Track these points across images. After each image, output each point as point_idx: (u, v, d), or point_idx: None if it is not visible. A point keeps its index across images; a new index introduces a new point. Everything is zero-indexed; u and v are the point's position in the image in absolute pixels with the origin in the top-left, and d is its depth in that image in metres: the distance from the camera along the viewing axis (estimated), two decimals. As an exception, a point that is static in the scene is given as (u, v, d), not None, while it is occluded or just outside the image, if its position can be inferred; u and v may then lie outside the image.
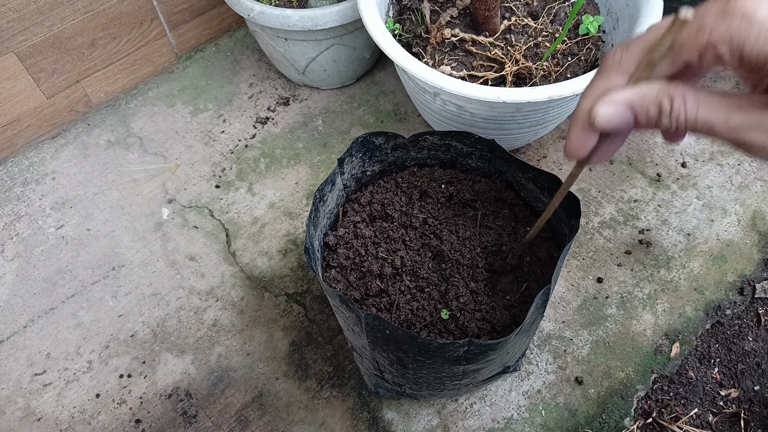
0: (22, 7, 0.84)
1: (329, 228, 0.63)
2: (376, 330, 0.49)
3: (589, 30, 0.82)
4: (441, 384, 0.59)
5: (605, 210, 0.87)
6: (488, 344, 0.47)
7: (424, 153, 0.66)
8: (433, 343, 0.47)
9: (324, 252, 0.62)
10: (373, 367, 0.61)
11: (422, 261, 0.61)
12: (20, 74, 0.90)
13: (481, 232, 0.62)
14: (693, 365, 0.75)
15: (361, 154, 0.62)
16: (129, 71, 1.03)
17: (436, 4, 0.86)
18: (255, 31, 0.95)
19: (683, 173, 0.90)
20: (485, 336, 0.56)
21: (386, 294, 0.58)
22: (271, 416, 0.72)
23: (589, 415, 0.71)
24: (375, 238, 0.62)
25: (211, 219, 0.89)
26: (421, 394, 0.67)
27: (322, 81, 1.01)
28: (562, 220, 0.59)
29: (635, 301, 0.79)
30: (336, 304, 0.53)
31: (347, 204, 0.65)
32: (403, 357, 0.52)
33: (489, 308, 0.58)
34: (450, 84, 0.70)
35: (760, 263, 0.82)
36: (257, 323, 0.79)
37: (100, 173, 0.95)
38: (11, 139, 0.96)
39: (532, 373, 0.74)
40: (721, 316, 0.78)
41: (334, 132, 0.98)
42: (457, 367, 0.53)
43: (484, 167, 0.66)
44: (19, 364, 0.77)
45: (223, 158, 0.96)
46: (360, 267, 0.60)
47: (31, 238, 0.88)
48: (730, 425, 0.71)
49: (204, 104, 1.03)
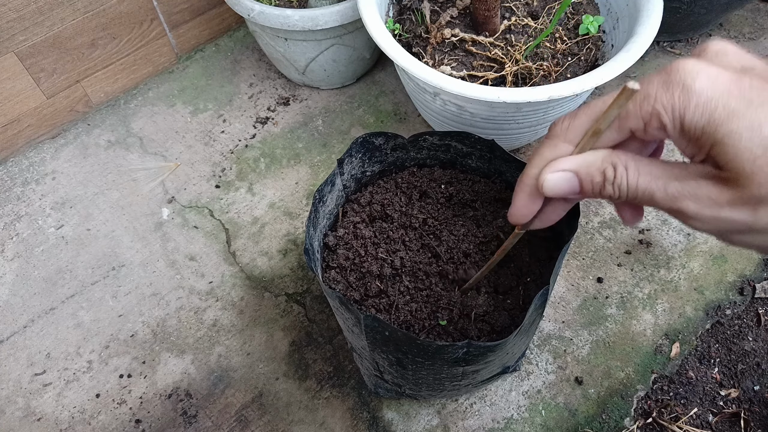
0: (22, 7, 0.84)
1: (329, 228, 0.63)
2: (376, 331, 0.49)
3: (589, 30, 0.82)
4: (440, 385, 0.59)
5: (605, 210, 0.87)
6: (487, 346, 0.47)
7: (423, 153, 0.66)
8: (432, 345, 0.47)
9: (324, 252, 0.62)
10: (372, 367, 0.61)
11: (422, 261, 0.60)
12: (20, 74, 0.90)
13: (480, 233, 0.62)
14: (693, 365, 0.75)
15: (361, 155, 0.62)
16: (129, 71, 1.03)
17: (436, 4, 0.86)
18: (255, 31, 0.95)
19: (683, 173, 0.90)
20: (484, 337, 0.56)
21: (386, 295, 0.58)
22: (271, 416, 0.72)
23: (589, 415, 0.71)
24: (375, 238, 0.62)
25: (211, 219, 0.89)
26: (421, 395, 0.67)
27: (322, 81, 1.01)
28: (561, 220, 0.59)
29: (635, 301, 0.79)
30: (336, 306, 0.53)
31: (347, 204, 0.65)
32: (402, 358, 0.52)
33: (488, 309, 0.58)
34: (450, 84, 0.70)
35: (760, 263, 0.82)
36: (257, 323, 0.79)
37: (100, 173, 0.95)
38: (11, 139, 0.96)
39: (532, 373, 0.74)
40: (721, 316, 0.78)
41: (334, 132, 0.98)
42: (457, 369, 0.53)
43: (484, 167, 0.66)
44: (19, 364, 0.77)
45: (223, 158, 0.96)
46: (359, 268, 0.60)
47: (31, 238, 0.88)
48: (730, 425, 0.71)
49: (204, 104, 1.03)
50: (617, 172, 0.34)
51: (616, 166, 0.34)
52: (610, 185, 0.34)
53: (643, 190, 0.33)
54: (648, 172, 0.33)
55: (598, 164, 0.35)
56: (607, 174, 0.34)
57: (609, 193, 0.35)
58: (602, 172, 0.35)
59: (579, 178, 0.36)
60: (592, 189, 0.36)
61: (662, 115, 0.31)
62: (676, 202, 0.32)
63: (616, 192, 0.34)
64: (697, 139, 0.31)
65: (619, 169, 0.34)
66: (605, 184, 0.35)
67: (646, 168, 0.33)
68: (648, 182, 0.33)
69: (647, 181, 0.33)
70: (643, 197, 0.34)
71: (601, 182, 0.35)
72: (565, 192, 0.37)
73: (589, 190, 0.36)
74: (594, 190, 0.36)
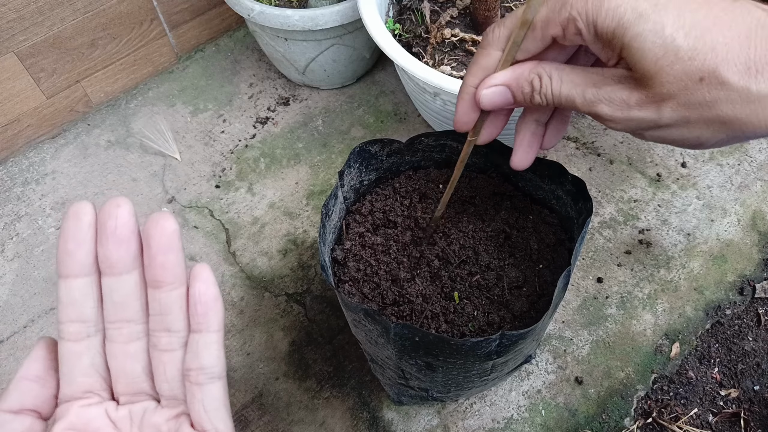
0: (22, 7, 0.84)
1: (335, 243, 0.63)
2: (405, 339, 0.48)
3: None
4: (470, 382, 0.59)
5: (605, 210, 0.87)
6: (520, 334, 0.47)
7: (418, 156, 0.66)
8: (466, 344, 0.47)
9: (334, 267, 0.61)
10: (397, 375, 0.60)
11: (432, 262, 0.60)
12: (20, 74, 0.90)
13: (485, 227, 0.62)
14: (693, 365, 0.75)
15: (358, 164, 0.62)
16: (129, 71, 1.03)
17: (436, 4, 0.86)
18: (255, 31, 0.95)
19: (683, 173, 0.90)
20: (507, 325, 0.56)
21: (404, 301, 0.58)
22: (271, 416, 0.72)
23: (589, 415, 0.71)
24: (382, 246, 0.62)
25: (211, 219, 0.89)
26: (449, 396, 0.66)
27: (322, 81, 1.01)
28: (567, 204, 0.59)
29: (635, 301, 0.79)
30: (358, 319, 0.53)
31: (348, 216, 0.65)
32: (432, 361, 0.52)
33: (506, 299, 0.58)
34: (450, 84, 0.70)
35: (760, 263, 0.82)
36: (257, 323, 0.79)
37: (100, 173, 0.95)
38: (11, 139, 0.96)
39: (532, 373, 0.74)
40: (721, 316, 0.78)
41: (334, 132, 0.98)
42: (487, 363, 0.53)
43: (480, 163, 0.66)
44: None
45: (223, 158, 0.96)
46: (372, 278, 0.59)
47: (31, 238, 0.88)
48: (730, 425, 0.71)
49: (204, 104, 1.03)
50: (542, 81, 0.37)
51: (542, 76, 0.37)
52: (537, 94, 0.38)
53: (566, 97, 0.37)
54: (569, 80, 0.36)
55: (526, 75, 0.38)
56: (534, 84, 0.38)
57: (537, 101, 0.38)
58: (530, 83, 0.38)
59: (511, 90, 0.39)
60: (523, 98, 0.39)
61: (578, 20, 0.34)
62: (593, 106, 0.35)
63: (543, 100, 0.38)
64: (609, 42, 0.33)
65: (544, 78, 0.37)
66: (533, 93, 0.38)
67: (568, 76, 0.36)
68: (569, 90, 0.36)
69: (568, 89, 0.36)
70: (566, 103, 0.37)
71: (530, 92, 0.38)
72: (500, 104, 0.40)
73: (521, 99, 0.39)
74: (525, 99, 0.39)
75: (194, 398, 0.30)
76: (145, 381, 0.31)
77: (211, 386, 0.30)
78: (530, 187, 0.64)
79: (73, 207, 0.29)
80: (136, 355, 0.31)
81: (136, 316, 0.30)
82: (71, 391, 0.31)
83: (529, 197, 0.65)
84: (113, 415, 0.31)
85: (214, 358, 0.30)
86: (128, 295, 0.30)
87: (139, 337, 0.31)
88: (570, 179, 0.56)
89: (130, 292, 0.30)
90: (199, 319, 0.29)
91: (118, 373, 0.31)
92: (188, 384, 0.30)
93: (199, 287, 0.30)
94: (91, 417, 0.30)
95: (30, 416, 0.30)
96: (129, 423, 0.31)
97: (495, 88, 0.39)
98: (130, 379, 0.31)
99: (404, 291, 0.58)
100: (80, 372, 0.30)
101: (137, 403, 0.32)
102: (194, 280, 0.30)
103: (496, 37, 0.39)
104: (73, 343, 0.30)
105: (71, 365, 0.30)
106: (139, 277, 0.30)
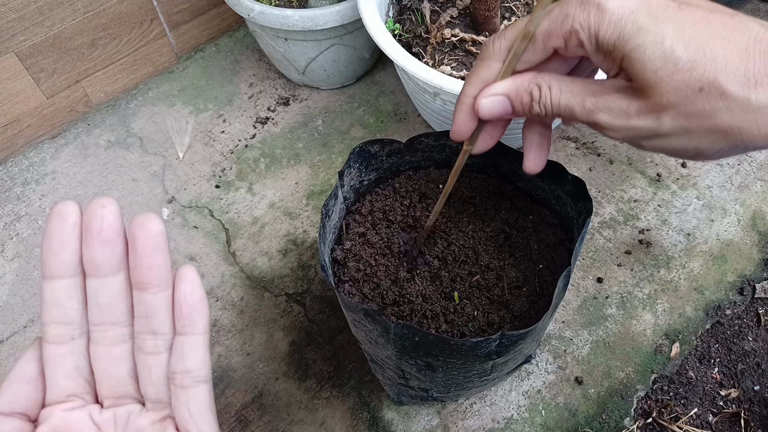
0: (22, 7, 0.84)
1: (335, 243, 0.63)
2: (405, 339, 0.48)
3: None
4: (470, 382, 0.59)
5: (605, 210, 0.87)
6: (520, 334, 0.47)
7: (418, 156, 0.66)
8: (466, 344, 0.47)
9: (333, 267, 0.61)
10: (397, 375, 0.60)
11: (432, 262, 0.60)
12: (20, 74, 0.90)
13: (484, 227, 0.62)
14: (693, 365, 0.75)
15: (358, 164, 0.62)
16: (129, 71, 1.03)
17: (436, 4, 0.86)
18: (255, 31, 0.95)
19: (683, 173, 0.90)
20: (507, 325, 0.56)
21: (404, 301, 0.58)
22: (271, 416, 0.72)
23: (589, 415, 0.71)
24: (382, 246, 0.62)
25: (211, 219, 0.89)
26: (449, 396, 0.66)
27: (322, 81, 1.01)
28: (567, 204, 0.59)
29: (635, 301, 0.79)
30: (358, 319, 0.53)
31: (348, 216, 0.65)
32: (432, 362, 0.52)
33: (506, 299, 0.58)
34: (450, 84, 0.70)
35: (760, 263, 0.82)
36: (257, 323, 0.79)
37: (100, 173, 0.95)
38: (11, 139, 0.96)
39: (532, 373, 0.74)
40: (721, 316, 0.78)
41: (334, 132, 0.98)
42: (487, 363, 0.53)
43: (480, 163, 0.66)
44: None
45: (223, 158, 0.96)
46: (372, 278, 0.59)
47: (31, 238, 0.88)
48: (730, 425, 0.71)
49: (204, 104, 1.03)
50: (542, 91, 0.37)
51: (541, 86, 0.37)
52: (536, 104, 0.38)
53: (565, 106, 0.37)
54: (569, 90, 0.37)
55: (525, 85, 0.38)
56: (533, 94, 0.38)
57: (536, 111, 0.38)
58: (530, 93, 0.38)
59: (510, 100, 0.39)
60: (522, 109, 0.39)
61: (580, 32, 0.34)
62: (592, 115, 0.36)
63: (543, 109, 0.38)
64: (610, 53, 0.34)
65: (544, 89, 0.37)
66: (533, 103, 0.38)
67: (568, 86, 0.37)
68: (568, 99, 0.37)
69: (567, 98, 0.37)
70: (565, 113, 0.37)
71: (529, 102, 0.38)
72: (499, 113, 0.40)
73: (520, 110, 0.39)
74: (524, 109, 0.39)
75: (179, 401, 0.30)
76: (130, 384, 0.31)
77: (197, 389, 0.30)
78: (530, 187, 0.64)
79: (58, 207, 0.28)
80: (121, 358, 0.30)
81: (122, 318, 0.30)
82: (54, 394, 0.30)
83: (529, 197, 0.65)
84: (97, 418, 0.31)
85: (199, 361, 0.30)
86: (113, 298, 0.29)
87: (124, 340, 0.30)
88: (570, 179, 0.56)
89: (116, 294, 0.29)
90: (185, 321, 0.29)
91: (103, 376, 0.31)
92: (173, 387, 0.30)
93: (184, 289, 0.29)
94: (75, 420, 0.30)
95: (19, 419, 0.30)
96: (113, 426, 0.31)
97: (494, 98, 0.40)
98: (115, 382, 0.31)
99: (404, 291, 0.58)
100: (63, 375, 0.30)
101: (122, 406, 0.31)
102: (179, 281, 0.29)
103: (496, 49, 0.39)
104: (57, 346, 0.30)
105: (54, 368, 0.30)
106: (124, 279, 0.29)
